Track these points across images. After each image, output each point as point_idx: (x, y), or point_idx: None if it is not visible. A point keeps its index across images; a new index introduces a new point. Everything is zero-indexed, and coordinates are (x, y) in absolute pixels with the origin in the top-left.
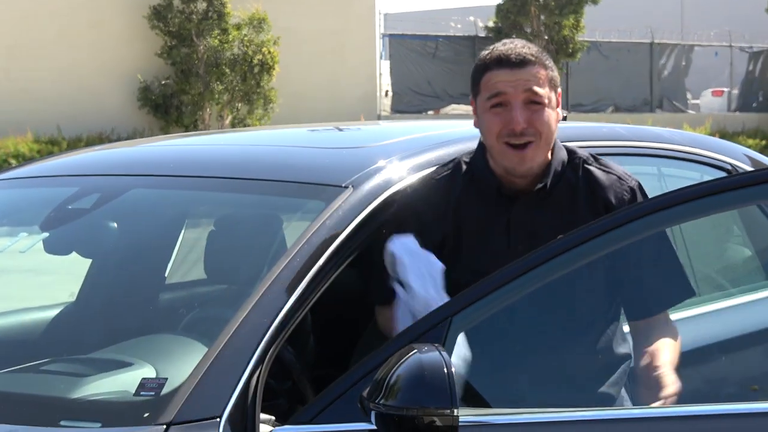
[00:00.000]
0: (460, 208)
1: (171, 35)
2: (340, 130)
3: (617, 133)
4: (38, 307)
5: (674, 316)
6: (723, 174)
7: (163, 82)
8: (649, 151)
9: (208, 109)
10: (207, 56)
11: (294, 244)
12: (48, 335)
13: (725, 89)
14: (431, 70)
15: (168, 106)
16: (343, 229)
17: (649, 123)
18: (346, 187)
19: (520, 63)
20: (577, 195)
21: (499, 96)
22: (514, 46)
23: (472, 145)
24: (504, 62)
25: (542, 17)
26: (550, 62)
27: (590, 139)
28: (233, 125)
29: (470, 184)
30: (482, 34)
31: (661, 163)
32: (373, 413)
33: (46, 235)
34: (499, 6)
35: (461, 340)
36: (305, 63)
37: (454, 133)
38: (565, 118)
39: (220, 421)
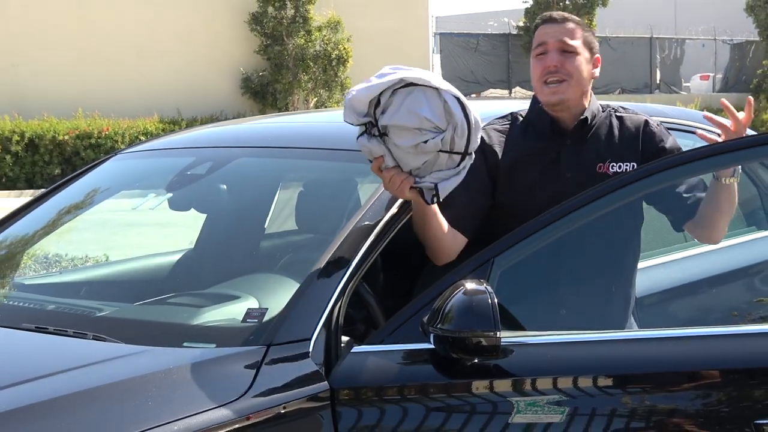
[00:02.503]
0: (518, 145)
1: (266, 36)
2: None
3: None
4: (164, 252)
5: (666, 258)
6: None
7: (260, 74)
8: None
9: (296, 95)
10: (295, 52)
11: (368, 200)
12: (172, 275)
13: (711, 74)
14: (473, 61)
15: (264, 93)
16: None
17: (648, 102)
18: None
19: (561, 20)
20: (612, 134)
21: (541, 45)
22: (560, 12)
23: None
24: (548, 19)
25: None
26: (588, 29)
27: None
28: (316, 107)
29: (527, 128)
30: (514, 32)
31: None
32: (431, 335)
33: (170, 195)
34: (527, 9)
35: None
36: (373, 56)
37: (494, 110)
38: None
39: (310, 342)
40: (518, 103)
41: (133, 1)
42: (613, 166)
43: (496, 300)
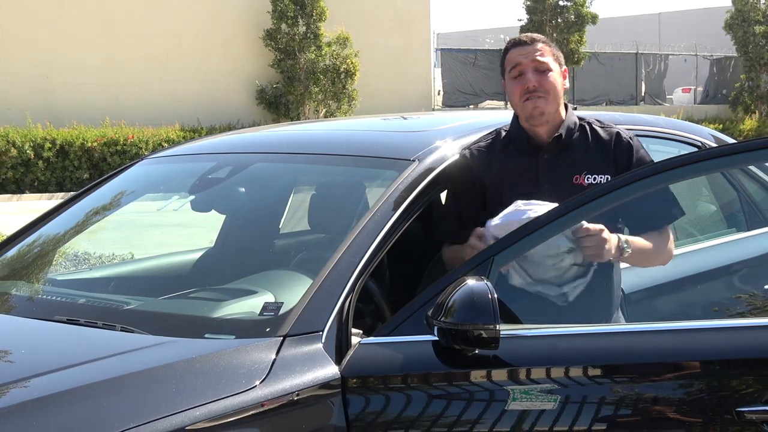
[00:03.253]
0: (501, 161)
1: (280, 51)
2: (405, 118)
3: (614, 119)
4: (186, 250)
5: None
6: (695, 149)
7: (274, 86)
8: (639, 132)
9: (307, 106)
10: (306, 66)
11: (375, 202)
12: (194, 271)
13: (692, 87)
14: (472, 75)
15: (278, 104)
16: (412, 192)
17: (634, 113)
18: (413, 161)
19: (531, 41)
20: (587, 146)
21: (516, 68)
22: (527, 33)
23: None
24: (517, 42)
25: (555, 35)
26: (554, 46)
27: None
28: (326, 117)
29: (508, 143)
30: None
31: (648, 141)
32: (435, 328)
33: (192, 197)
34: (522, 26)
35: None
36: (378, 70)
37: (489, 120)
38: (575, 108)
39: (322, 333)
40: (506, 113)
41: (157, 19)
42: (588, 177)
43: (495, 295)
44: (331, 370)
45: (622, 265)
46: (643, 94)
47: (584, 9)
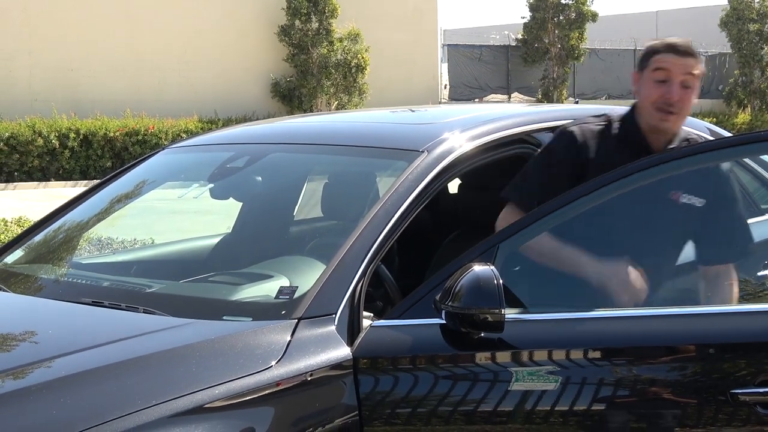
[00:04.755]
0: (608, 150)
1: (293, 46)
2: (413, 111)
3: (614, 111)
4: (205, 236)
5: None
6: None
7: (288, 79)
8: None
9: (319, 99)
10: (319, 61)
11: (386, 191)
12: (212, 256)
13: None
14: (477, 70)
15: (291, 97)
16: (421, 182)
17: None
18: (422, 152)
19: (686, 53)
20: None
21: (664, 71)
22: (680, 41)
23: (509, 121)
24: (673, 49)
25: (556, 31)
26: (702, 61)
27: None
28: (337, 110)
29: (620, 137)
30: (513, 44)
31: None
32: (443, 312)
33: (211, 185)
34: (525, 24)
35: None
36: (388, 65)
37: (494, 113)
38: (576, 102)
39: (335, 316)
40: (510, 106)
41: (176, 15)
42: (683, 197)
43: (501, 281)
44: (343, 352)
45: None
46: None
47: (585, 7)
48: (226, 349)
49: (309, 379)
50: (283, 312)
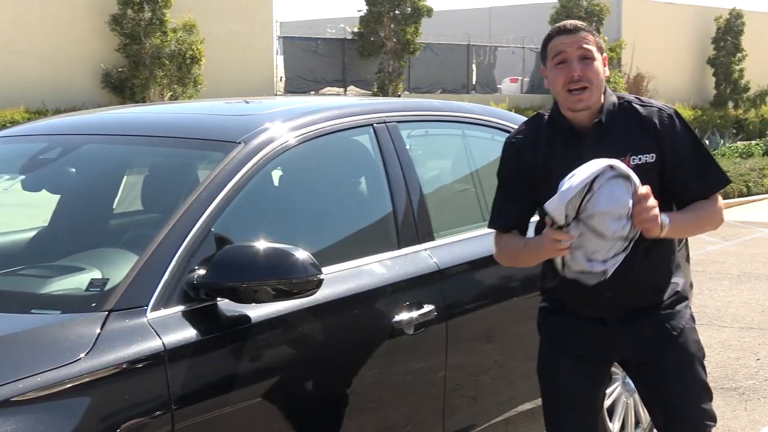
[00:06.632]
0: (546, 150)
1: (125, 36)
2: (239, 102)
3: (434, 106)
4: (21, 230)
5: (471, 234)
6: (507, 135)
7: (119, 70)
8: (456, 118)
9: (152, 90)
10: (152, 51)
11: (202, 182)
12: (26, 249)
13: (519, 78)
14: (313, 62)
15: (123, 88)
16: (237, 173)
17: (465, 101)
18: (239, 143)
19: (574, 29)
20: (630, 127)
21: (560, 54)
22: (569, 20)
23: (329, 113)
24: (562, 30)
25: (392, 26)
26: (596, 34)
27: (417, 110)
28: (171, 101)
29: (551, 130)
30: (349, 37)
31: (464, 127)
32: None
33: (23, 177)
34: (361, 17)
35: None
36: (223, 57)
37: (317, 105)
38: (399, 96)
39: (146, 308)
40: (352, 98)
41: (1, 3)
42: (633, 158)
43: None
44: (154, 343)
45: None
46: (474, 84)
47: (420, 2)
48: (34, 342)
49: (119, 371)
50: (93, 304)
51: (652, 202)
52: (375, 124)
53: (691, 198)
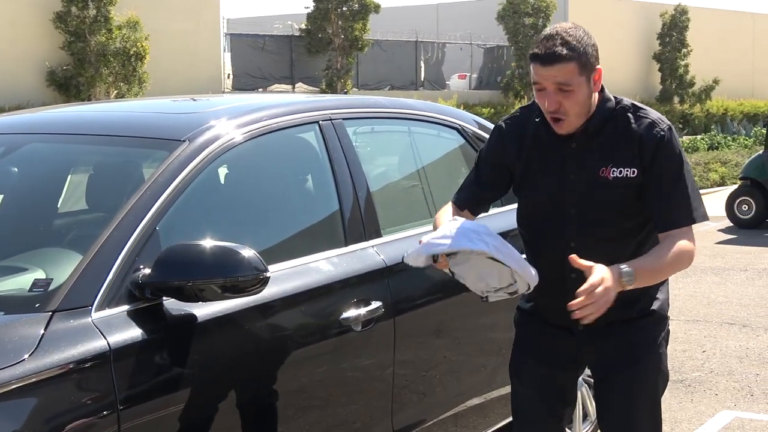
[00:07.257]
0: (531, 143)
1: (70, 33)
2: (185, 100)
3: (380, 103)
4: None
5: (418, 230)
6: (454, 131)
7: (64, 68)
8: (403, 115)
9: (98, 88)
10: (96, 49)
11: (145, 181)
12: None
13: (467, 74)
14: (260, 59)
15: (68, 86)
16: (181, 171)
17: (414, 97)
18: (184, 141)
19: (549, 60)
20: (617, 137)
21: (537, 84)
22: (548, 43)
23: (274, 110)
24: (536, 58)
25: (340, 22)
26: (581, 50)
27: (363, 106)
28: (116, 99)
29: (539, 124)
30: (297, 34)
31: (410, 124)
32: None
33: None
34: (309, 14)
35: None
36: (169, 54)
37: (263, 102)
38: (345, 92)
39: (91, 308)
40: (298, 95)
41: None
42: (614, 170)
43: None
44: (99, 343)
45: None
46: (422, 80)
47: None
48: None
49: (64, 371)
50: (36, 305)
51: (598, 292)
52: (321, 121)
53: (655, 226)
